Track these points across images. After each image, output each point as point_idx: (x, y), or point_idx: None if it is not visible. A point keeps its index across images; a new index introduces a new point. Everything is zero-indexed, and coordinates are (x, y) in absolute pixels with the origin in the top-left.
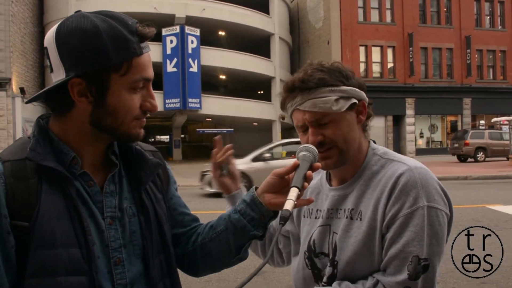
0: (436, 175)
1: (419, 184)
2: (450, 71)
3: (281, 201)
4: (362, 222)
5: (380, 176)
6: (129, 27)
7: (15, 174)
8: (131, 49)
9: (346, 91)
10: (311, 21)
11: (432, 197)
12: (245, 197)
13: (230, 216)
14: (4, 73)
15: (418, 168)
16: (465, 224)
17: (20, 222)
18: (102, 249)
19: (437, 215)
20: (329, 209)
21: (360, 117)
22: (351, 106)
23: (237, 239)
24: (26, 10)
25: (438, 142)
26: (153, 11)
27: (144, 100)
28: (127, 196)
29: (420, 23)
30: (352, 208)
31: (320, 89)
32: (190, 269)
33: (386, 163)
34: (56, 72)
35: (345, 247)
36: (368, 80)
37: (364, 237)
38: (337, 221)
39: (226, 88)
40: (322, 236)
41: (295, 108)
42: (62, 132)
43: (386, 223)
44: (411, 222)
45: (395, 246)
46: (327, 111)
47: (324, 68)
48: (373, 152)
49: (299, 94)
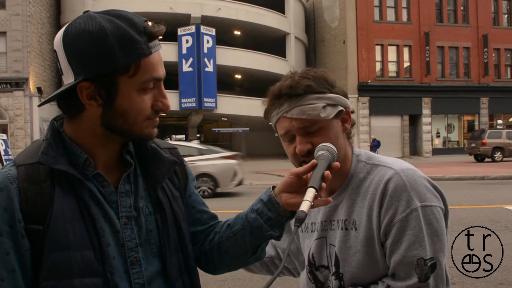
0: (453, 175)
1: (408, 186)
2: (467, 70)
3: (298, 201)
4: (358, 232)
5: (368, 182)
6: (137, 27)
7: (28, 178)
8: (138, 50)
9: (333, 98)
10: (327, 20)
11: (424, 196)
12: (262, 197)
13: (247, 216)
14: (21, 73)
15: (405, 170)
16: (483, 225)
17: (34, 226)
18: (118, 249)
19: (433, 212)
20: (322, 222)
21: (346, 125)
22: (338, 113)
23: (253, 239)
24: (43, 11)
25: (455, 142)
26: (169, 11)
27: (155, 99)
28: (143, 195)
29: (436, 22)
30: (345, 219)
31: (307, 96)
32: (208, 267)
33: (372, 168)
34: (65, 75)
35: (347, 259)
36: (384, 79)
37: (364, 246)
38: (332, 232)
39: (242, 88)
40: (319, 249)
41: (282, 116)
42: (75, 134)
43: (383, 231)
44: (408, 226)
45: (398, 252)
46: (315, 118)
47: (310, 76)
48: (357, 159)
49: (286, 101)
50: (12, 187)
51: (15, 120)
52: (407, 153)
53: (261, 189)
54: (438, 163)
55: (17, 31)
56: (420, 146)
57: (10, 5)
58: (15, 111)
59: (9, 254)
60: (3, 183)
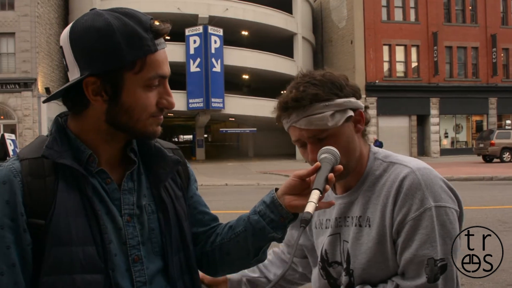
0: (461, 176)
1: (423, 185)
2: (475, 70)
3: (301, 203)
4: (371, 229)
5: (384, 180)
6: (143, 24)
7: (32, 172)
8: (145, 47)
9: (341, 104)
10: (334, 20)
11: (439, 196)
12: (265, 199)
13: (249, 217)
14: (30, 73)
15: (421, 169)
16: (491, 225)
17: (36, 220)
18: (120, 246)
19: (447, 213)
20: (337, 218)
21: (359, 126)
22: (348, 118)
23: (256, 241)
24: (51, 11)
25: (463, 142)
26: (177, 11)
27: (160, 97)
28: (146, 193)
29: (444, 22)
30: (360, 215)
31: (314, 105)
32: (209, 268)
33: (388, 166)
34: (71, 71)
35: (358, 255)
36: (392, 79)
37: (375, 243)
38: (346, 229)
39: (249, 88)
40: (332, 245)
41: (291, 125)
42: (79, 130)
43: (396, 228)
44: (420, 225)
45: (408, 251)
46: (323, 127)
47: (316, 81)
48: (374, 157)
49: (294, 112)
50: (16, 181)
51: (23, 120)
52: (415, 153)
53: (268, 189)
54: (446, 164)
55: (26, 31)
56: (428, 147)
57: (19, 6)
58: (23, 112)
59: (9, 248)
60: (6, 176)
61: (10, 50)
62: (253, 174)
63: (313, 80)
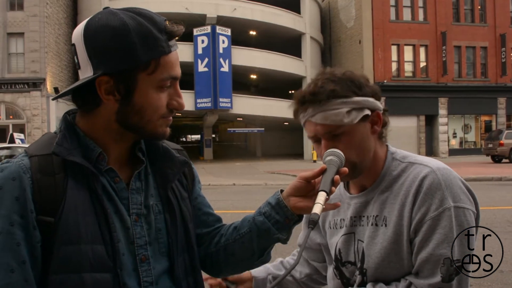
0: (470, 176)
1: (443, 185)
2: (484, 70)
3: (307, 205)
4: (387, 228)
5: (402, 180)
6: (158, 25)
7: (42, 169)
8: (159, 48)
9: (359, 102)
10: (343, 20)
11: (458, 197)
12: (270, 200)
13: (254, 218)
14: (38, 73)
15: (441, 169)
16: (500, 226)
17: (46, 217)
18: (127, 246)
19: (465, 214)
20: (352, 217)
21: (375, 128)
22: (364, 117)
23: (260, 242)
24: (60, 12)
25: (472, 143)
26: (185, 11)
27: (171, 98)
28: (153, 194)
29: (453, 21)
30: (377, 215)
31: (331, 101)
32: (213, 269)
33: (407, 166)
34: (83, 69)
35: (372, 254)
36: (400, 79)
37: (391, 243)
38: (361, 228)
39: (257, 88)
40: (347, 244)
41: (307, 120)
42: (88, 128)
43: (414, 228)
44: (439, 224)
45: (425, 250)
46: (339, 123)
47: (335, 78)
48: (392, 157)
49: (310, 107)
50: (25, 177)
51: (32, 120)
52: (423, 153)
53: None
54: (455, 164)
55: (35, 32)
56: (436, 147)
57: (28, 6)
58: (32, 111)
59: (20, 245)
60: (16, 172)
61: (20, 50)
62: (261, 174)
63: (333, 77)
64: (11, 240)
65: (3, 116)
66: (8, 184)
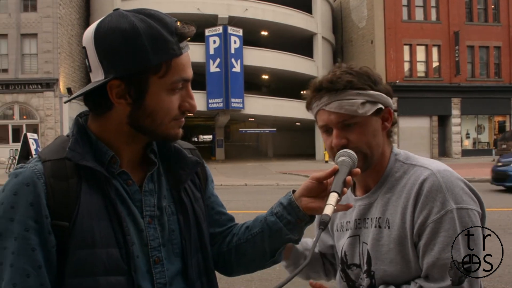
0: (483, 177)
1: (444, 187)
2: (497, 70)
3: (318, 205)
4: (391, 230)
5: (404, 182)
6: (168, 27)
7: (55, 174)
8: (170, 50)
9: (373, 95)
10: (355, 20)
11: (460, 198)
12: (282, 200)
13: (266, 219)
14: (51, 73)
15: (441, 171)
16: None
17: (60, 222)
18: (141, 248)
19: (469, 215)
20: (356, 220)
21: (386, 124)
22: (377, 111)
23: (272, 242)
24: (73, 13)
25: (485, 143)
26: (196, 11)
27: (183, 100)
28: (166, 195)
29: (466, 21)
30: (379, 217)
31: (347, 91)
32: (225, 269)
33: (409, 168)
34: (94, 72)
35: (379, 257)
36: (413, 79)
37: (396, 245)
38: (365, 230)
39: (269, 88)
40: (352, 247)
41: (321, 108)
42: (100, 131)
43: (417, 231)
44: (442, 228)
45: (431, 254)
46: (353, 113)
47: (353, 72)
48: (395, 158)
49: (326, 95)
50: (39, 182)
51: (45, 120)
52: (436, 154)
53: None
54: (468, 165)
55: (48, 32)
56: (449, 147)
57: (41, 7)
58: (45, 111)
59: (35, 250)
60: (30, 178)
61: (33, 51)
62: (273, 174)
63: (350, 70)
64: (27, 245)
65: (17, 116)
66: (23, 190)
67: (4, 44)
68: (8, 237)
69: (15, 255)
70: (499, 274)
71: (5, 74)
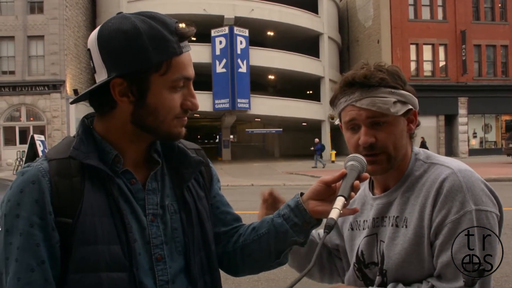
0: (490, 176)
1: (464, 187)
2: (505, 69)
3: (326, 209)
4: (408, 229)
5: (423, 181)
6: (169, 27)
7: (60, 172)
8: (170, 49)
9: (405, 96)
10: (361, 19)
11: (480, 200)
12: (290, 202)
13: (273, 220)
14: (58, 75)
15: (462, 170)
16: None
17: (64, 219)
18: (144, 246)
19: (487, 217)
20: (374, 218)
21: (411, 126)
22: (405, 112)
23: (278, 244)
24: (79, 14)
25: (492, 142)
26: (202, 12)
27: (185, 99)
28: (169, 194)
29: (473, 20)
30: (397, 216)
31: (380, 88)
32: (230, 268)
33: (429, 167)
34: (98, 73)
35: (392, 255)
36: (419, 79)
37: (411, 244)
38: (383, 229)
39: (275, 88)
40: (370, 246)
41: (350, 104)
42: (105, 131)
43: (434, 230)
44: (460, 228)
45: (446, 254)
46: (385, 112)
47: (384, 70)
48: (415, 157)
49: (358, 90)
50: (44, 180)
51: (52, 122)
52: (443, 153)
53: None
54: (475, 164)
55: (55, 34)
56: (456, 147)
57: (48, 9)
58: (52, 113)
59: (39, 245)
60: (35, 176)
61: (40, 52)
62: (279, 174)
63: (381, 68)
64: (31, 240)
65: (24, 118)
66: (28, 187)
67: (11, 46)
68: (14, 233)
69: (20, 250)
70: (507, 273)
71: (12, 76)
